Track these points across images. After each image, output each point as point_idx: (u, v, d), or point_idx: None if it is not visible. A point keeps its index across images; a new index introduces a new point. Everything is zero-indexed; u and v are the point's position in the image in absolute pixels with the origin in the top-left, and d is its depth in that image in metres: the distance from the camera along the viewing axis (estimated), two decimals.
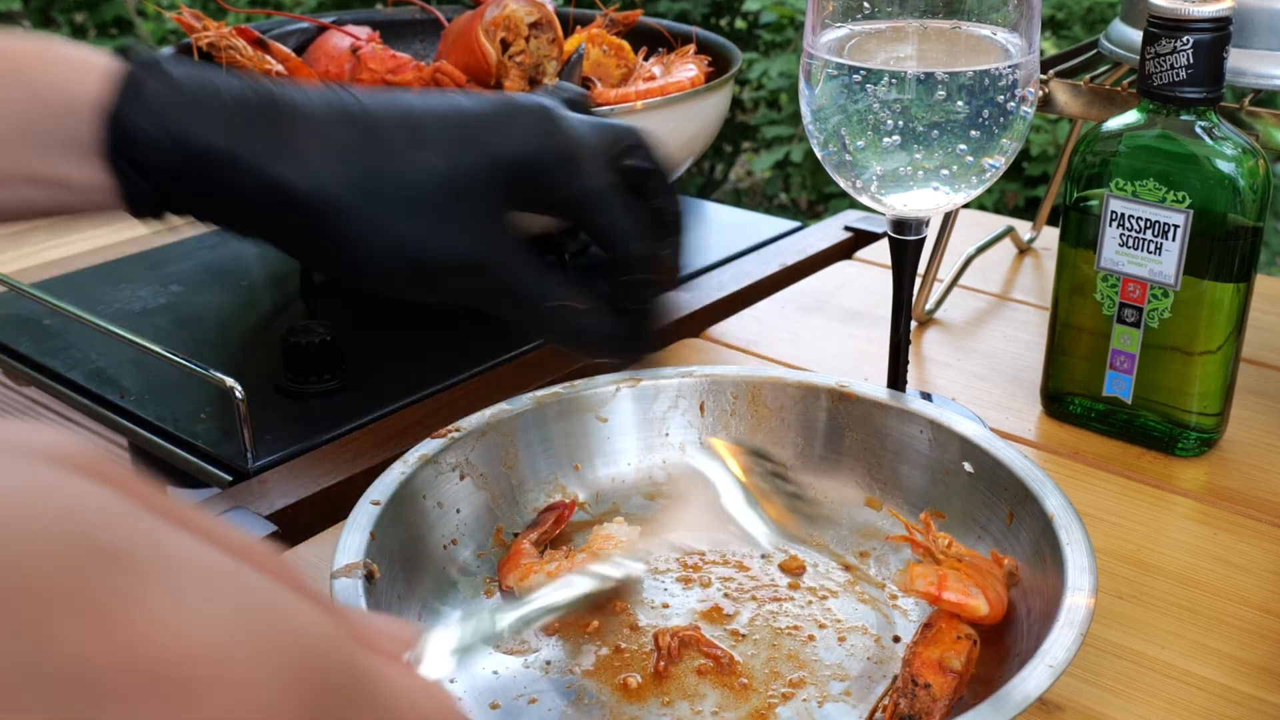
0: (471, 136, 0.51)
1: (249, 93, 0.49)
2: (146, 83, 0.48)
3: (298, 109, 0.49)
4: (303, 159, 0.48)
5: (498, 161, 0.51)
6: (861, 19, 0.62)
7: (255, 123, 0.48)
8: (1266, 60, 0.73)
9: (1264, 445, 0.73)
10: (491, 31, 0.87)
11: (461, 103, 0.52)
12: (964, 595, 0.53)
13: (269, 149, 0.48)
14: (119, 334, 0.77)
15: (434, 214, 0.50)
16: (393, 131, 0.50)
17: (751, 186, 3.55)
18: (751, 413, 0.68)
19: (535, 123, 0.52)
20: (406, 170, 0.50)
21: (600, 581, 0.48)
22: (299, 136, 0.49)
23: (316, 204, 0.49)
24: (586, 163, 0.52)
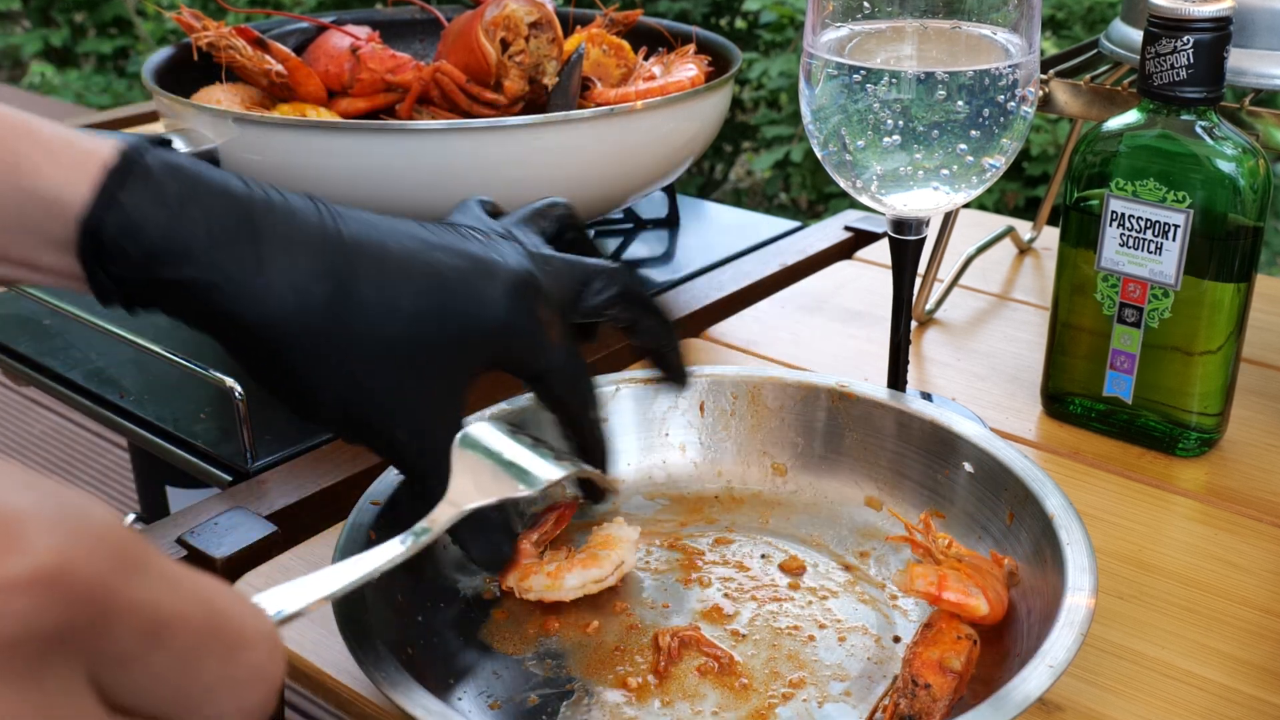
0: (441, 305, 0.50)
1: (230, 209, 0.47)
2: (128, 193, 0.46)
3: (276, 237, 0.48)
4: (267, 299, 0.47)
5: (462, 334, 0.50)
6: (861, 19, 0.62)
7: (227, 249, 0.47)
8: (1267, 60, 0.73)
9: (1264, 445, 0.73)
10: (491, 31, 0.87)
11: (439, 263, 0.51)
12: (964, 595, 0.53)
13: (235, 280, 0.47)
14: (119, 334, 0.77)
15: (385, 376, 0.49)
16: (365, 288, 0.49)
17: (751, 186, 3.55)
18: (751, 413, 0.68)
19: (508, 294, 0.51)
20: (367, 333, 0.49)
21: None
22: (268, 271, 0.47)
23: (272, 344, 0.48)
24: (553, 340, 0.53)
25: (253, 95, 0.92)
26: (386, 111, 0.92)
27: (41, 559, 0.21)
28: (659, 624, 0.57)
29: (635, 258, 1.03)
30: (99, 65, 4.21)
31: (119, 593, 0.23)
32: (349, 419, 0.50)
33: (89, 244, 0.46)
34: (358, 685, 0.53)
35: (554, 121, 0.79)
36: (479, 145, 0.78)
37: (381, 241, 0.50)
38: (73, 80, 3.94)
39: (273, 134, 0.80)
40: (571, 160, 0.81)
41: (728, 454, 0.68)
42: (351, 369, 0.49)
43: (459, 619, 0.57)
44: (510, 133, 0.78)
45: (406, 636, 0.54)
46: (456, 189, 0.79)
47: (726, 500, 0.66)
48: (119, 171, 0.46)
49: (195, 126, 0.83)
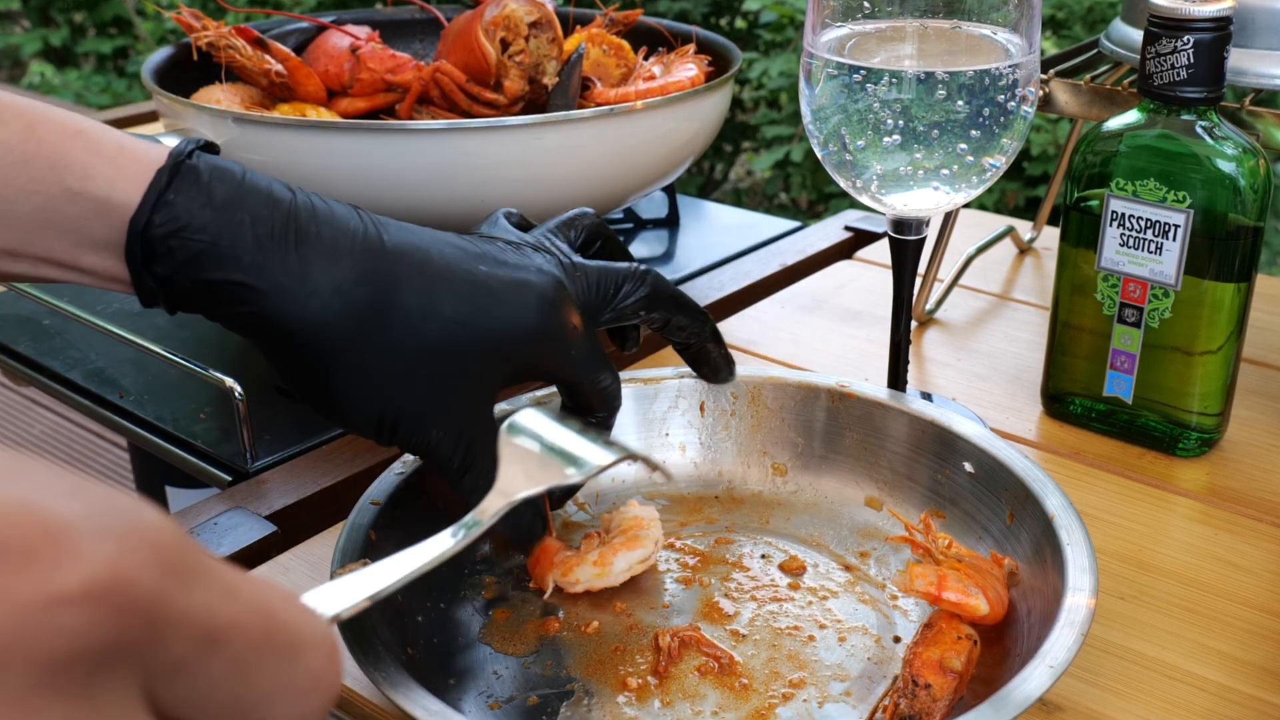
0: (479, 313, 0.51)
1: (275, 214, 0.49)
2: (177, 196, 0.47)
3: (321, 243, 0.49)
4: (310, 303, 0.48)
5: (498, 342, 0.52)
6: (862, 18, 0.62)
7: (273, 252, 0.48)
8: (1267, 60, 0.73)
9: (1265, 445, 0.73)
10: (491, 31, 0.87)
11: (479, 274, 0.52)
12: (964, 595, 0.53)
13: (280, 284, 0.48)
14: (118, 334, 0.77)
15: (421, 381, 0.50)
16: (406, 294, 0.50)
17: (751, 186, 3.55)
18: (751, 413, 0.68)
19: (543, 305, 0.53)
20: (406, 338, 0.50)
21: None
22: (313, 275, 0.48)
23: (310, 347, 0.49)
24: (584, 350, 0.55)
25: (252, 95, 0.92)
26: (386, 111, 0.92)
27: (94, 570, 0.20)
28: (659, 624, 0.57)
29: (635, 258, 1.03)
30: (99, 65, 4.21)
31: (174, 602, 0.22)
32: (383, 422, 0.51)
33: (136, 245, 0.47)
34: (358, 685, 0.53)
35: (554, 121, 0.79)
36: (479, 145, 0.78)
37: (425, 249, 0.51)
38: (72, 80, 3.94)
39: (272, 134, 0.80)
40: (571, 160, 0.81)
41: (728, 454, 0.68)
42: (390, 373, 0.50)
43: (459, 619, 0.57)
44: (510, 133, 0.78)
45: (406, 636, 0.54)
46: (456, 189, 0.79)
47: (726, 500, 0.66)
48: (168, 173, 0.48)
49: (195, 126, 0.83)
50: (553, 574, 0.58)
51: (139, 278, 0.48)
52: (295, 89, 0.91)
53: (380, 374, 0.50)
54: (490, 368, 0.52)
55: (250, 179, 0.49)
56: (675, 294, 0.58)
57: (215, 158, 0.50)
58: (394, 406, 0.51)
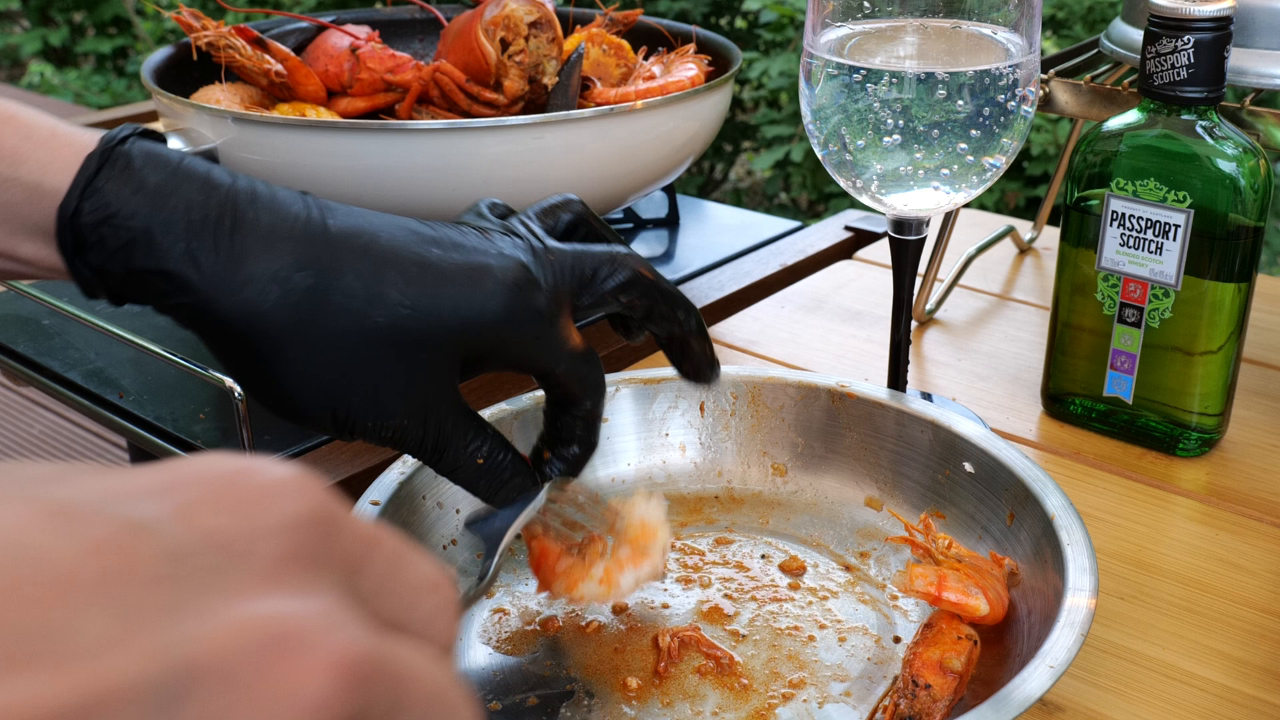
0: (430, 298, 0.49)
1: (211, 200, 0.47)
2: (107, 181, 0.46)
3: (258, 229, 0.47)
4: (245, 291, 0.46)
5: (453, 328, 0.49)
6: (862, 18, 0.62)
7: (207, 240, 0.46)
8: (1267, 59, 0.73)
9: (1265, 445, 0.73)
10: (491, 31, 0.87)
11: (430, 257, 0.49)
12: (964, 595, 0.52)
13: (214, 272, 0.46)
14: (118, 334, 0.77)
15: (369, 376, 0.48)
16: (349, 279, 0.48)
17: (751, 186, 3.55)
18: (752, 413, 0.68)
19: (504, 291, 0.50)
20: (350, 326, 0.47)
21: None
22: (248, 263, 0.46)
23: (250, 339, 0.47)
24: (555, 336, 0.52)
25: (252, 95, 0.92)
26: (386, 111, 0.92)
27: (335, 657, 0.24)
28: (659, 624, 0.57)
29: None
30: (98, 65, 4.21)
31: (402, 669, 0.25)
32: (338, 416, 0.49)
33: (67, 233, 0.46)
34: None
35: (554, 121, 0.79)
36: (479, 145, 0.78)
37: (372, 233, 0.49)
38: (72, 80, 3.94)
39: (272, 134, 0.80)
40: (571, 160, 0.81)
41: (728, 454, 0.68)
42: (335, 361, 0.48)
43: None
44: (510, 132, 0.78)
45: None
46: (456, 189, 0.79)
47: (726, 500, 0.66)
48: (98, 159, 0.46)
49: (194, 126, 0.83)
50: (557, 584, 0.56)
51: (74, 267, 0.47)
52: (295, 89, 0.91)
53: (326, 365, 0.48)
54: (446, 355, 0.50)
55: (186, 165, 0.48)
56: (658, 279, 0.55)
57: (151, 144, 0.48)
58: (345, 399, 0.48)
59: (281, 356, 0.47)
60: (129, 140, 0.47)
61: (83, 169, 0.46)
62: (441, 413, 0.51)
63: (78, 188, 0.46)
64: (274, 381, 0.48)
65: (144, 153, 0.47)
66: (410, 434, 0.50)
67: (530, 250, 0.52)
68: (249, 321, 0.47)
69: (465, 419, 0.51)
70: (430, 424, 0.50)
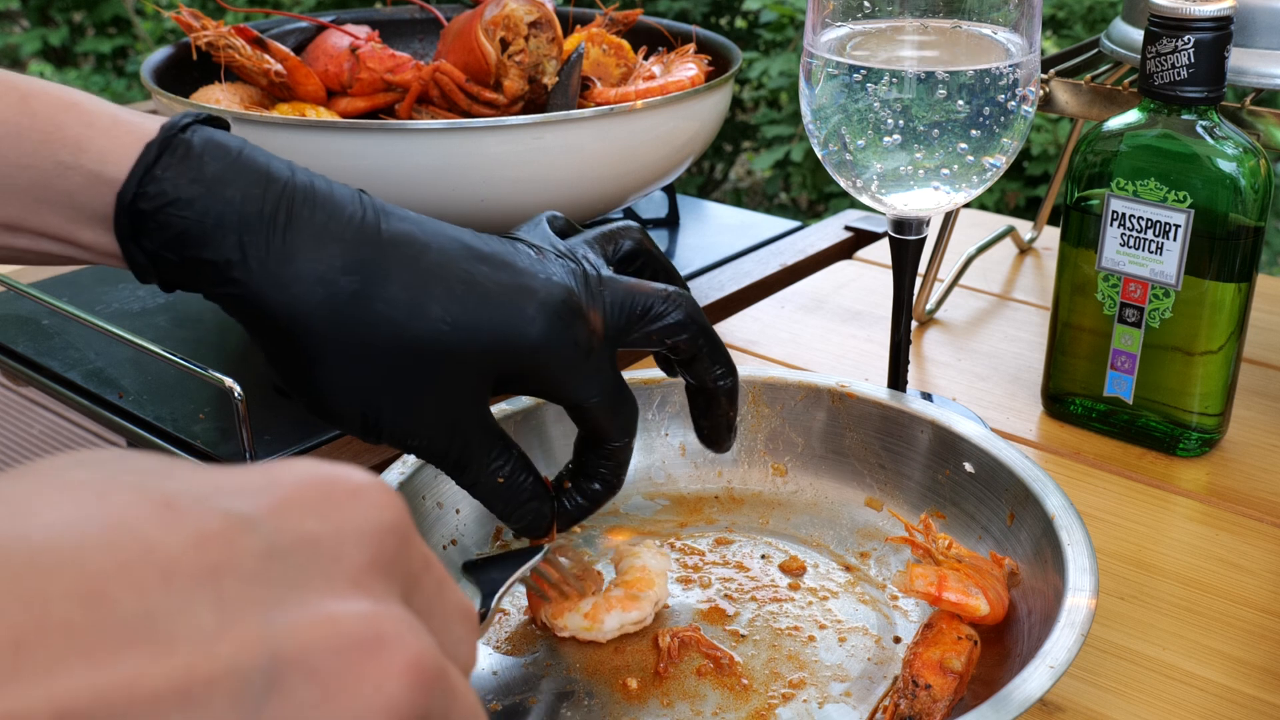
0: (471, 316, 0.49)
1: (268, 193, 0.47)
2: (165, 169, 0.47)
3: (312, 228, 0.47)
4: (292, 289, 0.47)
5: (490, 348, 0.49)
6: (862, 18, 0.62)
7: (259, 234, 0.47)
8: (1268, 59, 0.73)
9: (1266, 446, 0.73)
10: (491, 31, 0.87)
11: (476, 274, 0.49)
12: (964, 595, 0.52)
13: (263, 267, 0.47)
14: (117, 334, 0.77)
15: (402, 382, 0.49)
16: (393, 288, 0.48)
17: (752, 186, 3.55)
18: (752, 413, 0.67)
19: (546, 317, 0.49)
20: (389, 334, 0.48)
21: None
22: (297, 261, 0.47)
23: (292, 336, 0.48)
24: (592, 369, 0.51)
25: (252, 95, 0.92)
26: (386, 111, 0.92)
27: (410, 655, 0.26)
28: (659, 625, 0.57)
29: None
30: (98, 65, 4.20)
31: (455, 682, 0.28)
32: (367, 420, 0.49)
33: (125, 219, 0.47)
34: None
35: (554, 121, 0.79)
36: (479, 145, 0.78)
37: (423, 243, 0.49)
38: (71, 80, 3.94)
39: (272, 134, 0.80)
40: (571, 160, 0.81)
41: (728, 454, 0.68)
42: (371, 367, 0.48)
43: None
44: (510, 132, 0.78)
45: None
46: (456, 189, 0.79)
47: (726, 501, 0.66)
48: (158, 147, 0.47)
49: None
50: (544, 610, 0.56)
51: (129, 253, 0.48)
52: (295, 89, 0.91)
53: (362, 370, 0.48)
54: (479, 372, 0.50)
55: (247, 154, 0.48)
56: (707, 328, 0.54)
57: (214, 131, 0.48)
58: (376, 404, 0.49)
59: (319, 356, 0.48)
60: (190, 128, 0.48)
61: (143, 156, 0.47)
62: (468, 429, 0.51)
63: (137, 175, 0.46)
64: (309, 378, 0.49)
65: (205, 141, 0.48)
66: (435, 446, 0.51)
67: (584, 277, 0.52)
68: (292, 319, 0.47)
69: (491, 437, 0.52)
70: (456, 439, 0.51)
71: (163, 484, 0.26)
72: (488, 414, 0.52)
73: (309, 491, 0.27)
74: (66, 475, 0.25)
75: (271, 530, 0.26)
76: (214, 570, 0.24)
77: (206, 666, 0.23)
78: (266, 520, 0.26)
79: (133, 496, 0.25)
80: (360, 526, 0.27)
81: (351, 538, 0.27)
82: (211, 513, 0.25)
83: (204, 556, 0.24)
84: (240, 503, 0.26)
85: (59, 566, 0.23)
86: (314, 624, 0.25)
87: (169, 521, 0.25)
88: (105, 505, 0.24)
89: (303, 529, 0.26)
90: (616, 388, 0.53)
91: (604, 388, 0.52)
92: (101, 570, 0.23)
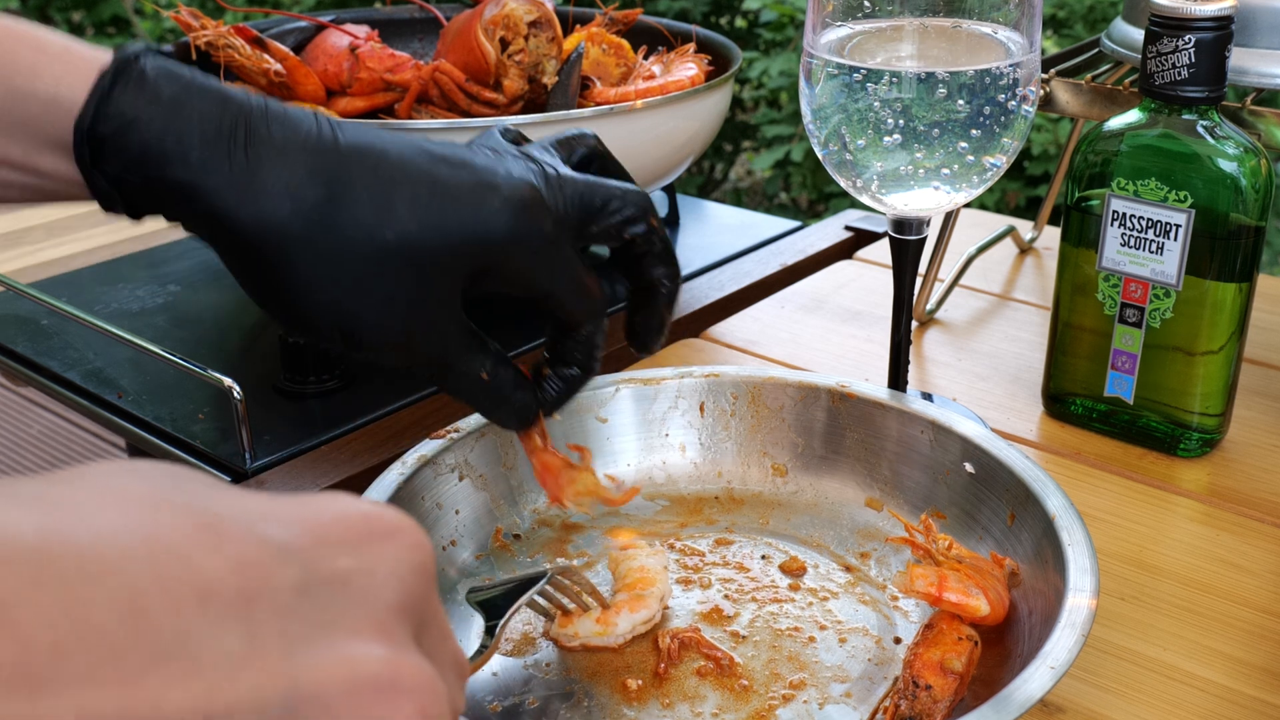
0: (438, 214, 0.49)
1: (225, 113, 0.48)
2: (122, 93, 0.47)
3: (271, 141, 0.48)
4: (258, 200, 0.47)
5: (459, 245, 0.49)
6: (862, 18, 0.62)
7: (220, 150, 0.47)
8: (1269, 59, 0.72)
9: (1266, 446, 0.73)
10: (490, 30, 0.87)
11: (439, 174, 0.50)
12: (965, 596, 0.52)
13: (227, 182, 0.47)
14: (117, 334, 0.77)
15: (378, 285, 0.49)
16: (359, 192, 0.48)
17: (752, 186, 3.55)
18: (752, 413, 0.67)
19: (511, 208, 0.50)
20: (359, 238, 0.48)
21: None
22: (261, 173, 0.47)
23: (262, 248, 0.48)
24: (559, 259, 0.52)
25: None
26: (385, 111, 0.92)
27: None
28: (659, 625, 0.56)
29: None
30: None
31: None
32: (343, 329, 0.49)
33: (84, 144, 0.47)
34: None
35: (553, 121, 0.79)
36: None
37: (381, 149, 0.50)
38: None
39: None
40: None
41: (728, 454, 0.67)
42: (345, 274, 0.48)
43: (458, 620, 0.57)
44: None
45: None
46: None
47: (726, 501, 0.66)
48: (113, 72, 0.47)
49: None
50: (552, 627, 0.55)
51: (90, 178, 0.48)
52: (294, 88, 0.90)
53: (335, 277, 0.48)
54: (452, 271, 0.50)
55: (199, 79, 0.48)
56: (661, 226, 0.55)
57: (163, 60, 0.49)
58: (353, 311, 0.49)
59: (292, 267, 0.48)
60: (142, 56, 0.48)
61: (98, 82, 0.47)
62: (446, 329, 0.51)
63: (94, 99, 0.47)
64: (284, 292, 0.49)
65: (157, 67, 0.48)
66: (415, 349, 0.51)
67: (542, 175, 0.52)
68: (261, 231, 0.47)
69: (469, 336, 0.52)
70: (434, 339, 0.51)
71: (210, 505, 0.26)
72: (463, 315, 0.52)
73: (348, 527, 0.28)
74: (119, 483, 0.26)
75: (307, 563, 0.27)
76: (248, 598, 0.25)
77: (228, 693, 0.24)
78: (303, 553, 0.27)
79: (180, 515, 0.26)
80: (392, 568, 0.28)
81: (381, 578, 0.28)
82: (252, 539, 0.26)
83: (240, 583, 0.25)
84: (281, 532, 0.27)
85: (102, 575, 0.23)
86: (335, 664, 0.26)
87: (211, 544, 0.25)
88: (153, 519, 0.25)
89: (336, 565, 0.27)
90: (581, 273, 0.54)
91: (570, 274, 0.53)
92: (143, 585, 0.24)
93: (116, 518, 0.25)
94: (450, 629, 0.32)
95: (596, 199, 0.53)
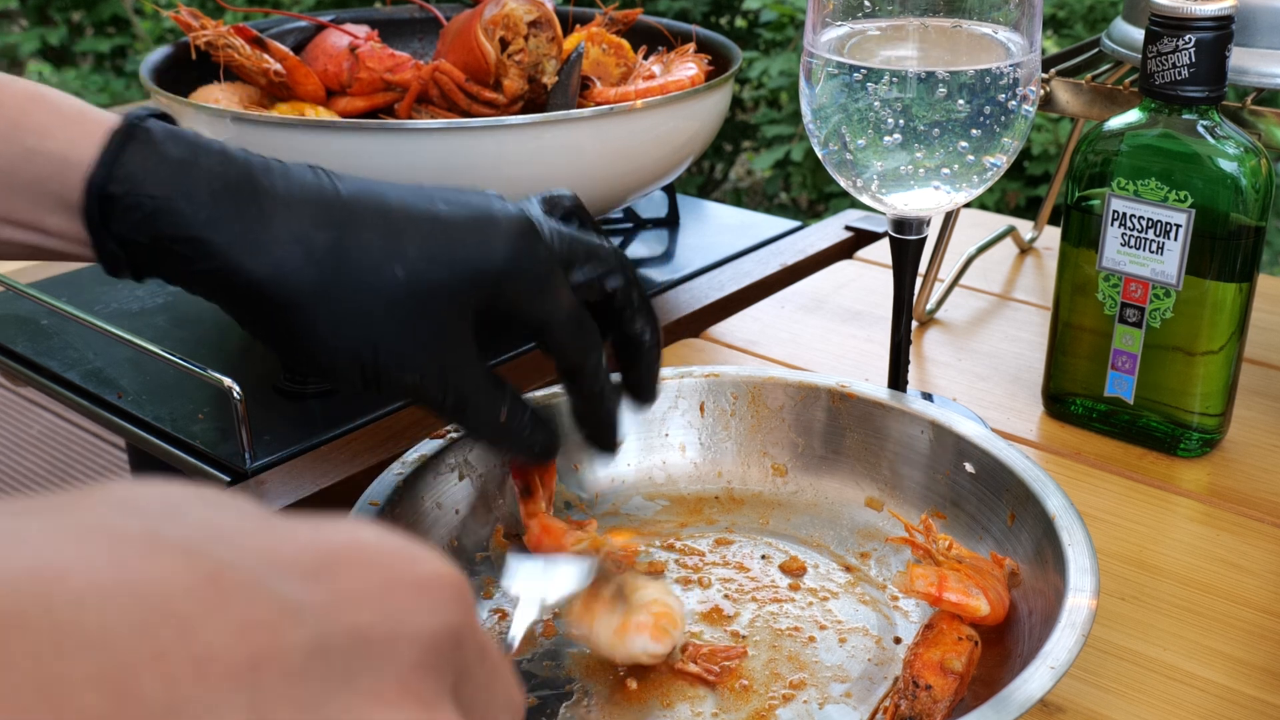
0: (444, 249, 0.50)
1: (230, 170, 0.49)
2: (130, 154, 0.48)
3: (276, 195, 0.49)
4: (270, 252, 0.48)
5: (467, 277, 0.51)
6: (862, 17, 0.62)
7: (229, 206, 0.48)
8: (1269, 59, 0.72)
9: (1266, 446, 0.73)
10: (490, 30, 0.87)
11: (439, 211, 0.51)
12: (965, 596, 0.52)
13: (238, 236, 0.48)
14: (116, 334, 0.77)
15: (393, 327, 0.50)
16: (367, 235, 0.50)
17: (752, 186, 3.55)
18: (752, 413, 0.67)
19: (511, 238, 0.51)
20: (372, 279, 0.49)
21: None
22: (272, 226, 0.49)
23: (277, 299, 0.49)
24: (556, 286, 0.53)
25: (251, 94, 0.92)
26: (385, 111, 0.92)
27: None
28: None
29: (635, 257, 1.03)
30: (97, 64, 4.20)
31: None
32: (364, 369, 0.51)
33: (94, 203, 0.48)
34: None
35: (553, 121, 0.79)
36: (478, 144, 0.78)
37: (381, 194, 0.51)
38: (70, 79, 3.93)
39: (271, 133, 0.80)
40: (571, 160, 0.81)
41: (728, 454, 0.67)
42: (360, 315, 0.49)
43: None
44: (510, 132, 0.78)
45: None
46: None
47: (726, 501, 0.66)
48: (123, 133, 0.48)
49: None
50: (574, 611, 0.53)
51: (99, 238, 0.48)
52: (294, 88, 0.90)
53: (350, 319, 0.49)
54: (462, 306, 0.51)
55: (204, 140, 0.50)
56: (639, 282, 0.57)
57: (168, 124, 0.50)
58: (370, 350, 0.50)
59: (307, 314, 0.49)
60: (148, 119, 0.50)
61: (110, 142, 0.48)
62: (462, 365, 0.52)
63: (106, 159, 0.48)
64: (303, 339, 0.50)
65: (163, 130, 0.50)
66: (433, 385, 0.52)
67: (532, 214, 0.54)
68: (275, 282, 0.48)
69: (485, 375, 0.53)
70: (451, 375, 0.52)
71: (214, 548, 0.24)
72: (477, 353, 0.53)
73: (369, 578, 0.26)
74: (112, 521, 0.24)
75: (322, 620, 0.24)
76: (254, 664, 0.23)
77: None
78: (318, 610, 0.24)
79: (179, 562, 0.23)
80: (418, 628, 0.26)
81: (406, 637, 0.26)
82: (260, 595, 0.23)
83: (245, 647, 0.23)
84: (292, 586, 0.24)
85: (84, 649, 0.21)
86: None
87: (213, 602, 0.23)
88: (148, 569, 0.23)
89: (356, 621, 0.25)
90: (577, 306, 0.54)
91: (565, 305, 0.54)
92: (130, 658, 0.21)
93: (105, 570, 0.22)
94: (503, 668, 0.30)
95: (580, 249, 0.55)
